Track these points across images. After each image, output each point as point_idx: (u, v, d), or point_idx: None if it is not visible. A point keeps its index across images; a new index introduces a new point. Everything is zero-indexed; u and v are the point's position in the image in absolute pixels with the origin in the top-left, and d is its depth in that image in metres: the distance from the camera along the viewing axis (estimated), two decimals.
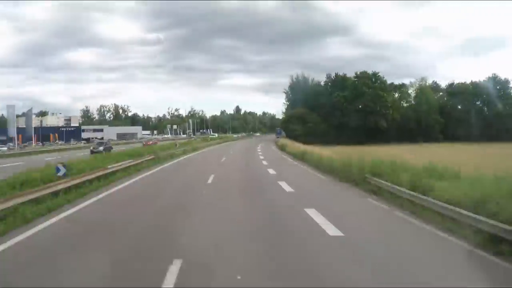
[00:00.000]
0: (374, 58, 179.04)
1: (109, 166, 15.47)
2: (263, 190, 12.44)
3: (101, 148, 36.81)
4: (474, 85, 73.38)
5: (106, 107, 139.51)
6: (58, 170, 12.28)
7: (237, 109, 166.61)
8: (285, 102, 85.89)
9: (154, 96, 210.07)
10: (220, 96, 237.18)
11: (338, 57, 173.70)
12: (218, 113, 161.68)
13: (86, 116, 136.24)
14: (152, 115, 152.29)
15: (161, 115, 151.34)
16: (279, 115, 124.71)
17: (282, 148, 38.54)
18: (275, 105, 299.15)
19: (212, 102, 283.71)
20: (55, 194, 10.07)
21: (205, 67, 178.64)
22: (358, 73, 70.69)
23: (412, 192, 8.73)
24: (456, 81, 78.56)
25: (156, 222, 7.97)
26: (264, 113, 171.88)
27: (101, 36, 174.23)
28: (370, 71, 70.19)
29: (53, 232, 7.21)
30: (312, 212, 8.29)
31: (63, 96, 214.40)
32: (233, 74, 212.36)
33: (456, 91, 73.87)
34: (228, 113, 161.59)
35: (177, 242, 6.29)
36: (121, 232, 7.13)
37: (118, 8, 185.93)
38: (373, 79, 69.13)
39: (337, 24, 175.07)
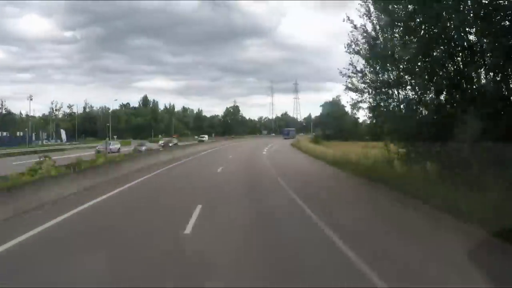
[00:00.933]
0: (293, 61, 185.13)
1: None
2: None
3: None
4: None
5: None
6: None
7: (145, 101, 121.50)
8: None
9: (70, 99, 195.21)
10: (138, 99, 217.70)
11: (257, 59, 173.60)
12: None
13: None
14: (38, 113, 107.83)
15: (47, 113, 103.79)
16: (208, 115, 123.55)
17: None
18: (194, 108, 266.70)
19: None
20: None
21: (123, 68, 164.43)
22: None
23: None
24: None
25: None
26: (185, 109, 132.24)
27: (13, 33, 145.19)
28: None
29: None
30: None
31: None
32: (151, 76, 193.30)
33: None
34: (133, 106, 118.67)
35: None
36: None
37: (31, 3, 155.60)
38: None
39: (256, 25, 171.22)
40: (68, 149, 44.31)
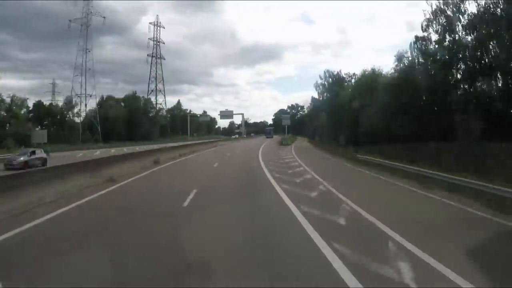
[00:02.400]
0: (147, 62, 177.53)
1: None
2: None
3: None
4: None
5: None
6: None
7: None
8: None
9: None
10: None
11: (114, 59, 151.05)
12: None
13: None
14: None
15: None
16: None
17: None
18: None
19: None
20: None
21: None
22: None
23: None
24: None
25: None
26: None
27: None
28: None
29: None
30: None
31: None
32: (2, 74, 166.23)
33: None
34: None
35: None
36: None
37: None
38: None
39: (114, 22, 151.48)
40: None
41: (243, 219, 8.54)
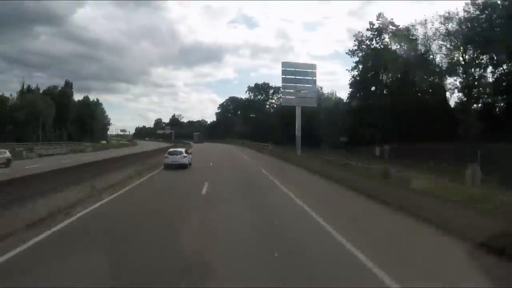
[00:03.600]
0: (88, 58, 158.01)
1: None
2: None
3: None
4: None
5: None
6: None
7: None
8: None
9: None
10: None
11: (48, 52, 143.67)
12: None
13: None
14: None
15: None
16: None
17: None
18: None
19: None
20: None
21: None
22: None
23: None
24: None
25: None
26: None
27: None
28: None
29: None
30: None
31: None
32: None
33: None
34: None
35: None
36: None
37: None
38: None
39: (48, 11, 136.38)
40: None
41: None
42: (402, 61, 42.50)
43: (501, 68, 36.24)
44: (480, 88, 37.85)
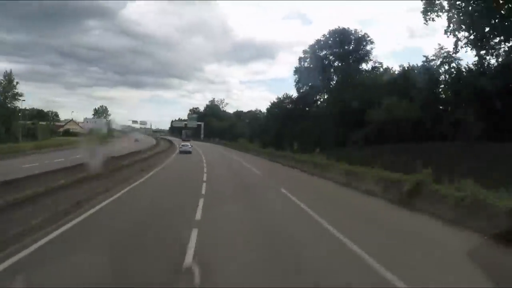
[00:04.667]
0: (140, 53, 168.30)
1: None
2: None
3: None
4: None
5: None
6: None
7: None
8: None
9: None
10: None
11: (100, 46, 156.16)
12: None
13: None
14: None
15: None
16: None
17: None
18: (40, 97, 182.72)
19: None
20: None
21: None
22: None
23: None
24: None
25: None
26: None
27: None
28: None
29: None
30: None
31: None
32: None
33: None
34: None
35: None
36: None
37: None
38: None
39: (98, 4, 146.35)
40: None
41: None
42: None
43: None
44: None
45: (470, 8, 24.65)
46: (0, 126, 53.81)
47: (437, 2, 26.69)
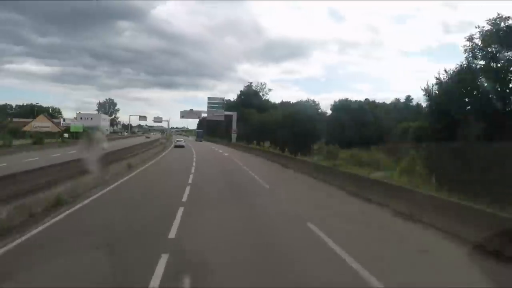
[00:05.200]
0: (172, 53, 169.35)
1: None
2: None
3: None
4: None
5: None
6: None
7: None
8: None
9: None
10: (9, 84, 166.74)
11: (133, 47, 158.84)
12: None
13: None
14: None
15: None
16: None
17: None
18: (74, 98, 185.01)
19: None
20: None
21: None
22: None
23: None
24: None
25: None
26: None
27: None
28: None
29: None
30: None
31: None
32: (22, 59, 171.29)
33: None
34: None
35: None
36: None
37: None
38: None
39: (128, 5, 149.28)
40: None
41: None
42: None
43: None
44: None
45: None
46: None
47: None
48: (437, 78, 21.60)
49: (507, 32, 18.75)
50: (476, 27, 19.63)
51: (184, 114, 71.23)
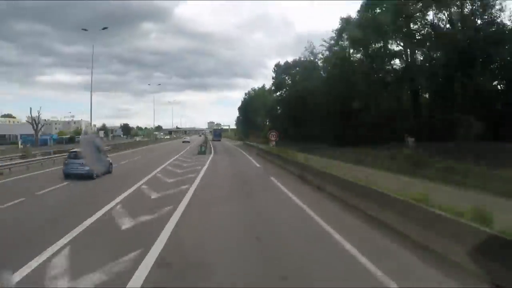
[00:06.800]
0: (200, 53, 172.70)
1: None
2: None
3: None
4: None
5: None
6: None
7: None
8: None
9: None
10: (43, 95, 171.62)
11: (160, 49, 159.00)
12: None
13: None
14: None
15: None
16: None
17: None
18: (107, 105, 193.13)
19: (35, 103, 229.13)
20: None
21: (16, 59, 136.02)
22: None
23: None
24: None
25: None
26: None
27: None
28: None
29: None
30: None
31: None
32: (53, 69, 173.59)
33: None
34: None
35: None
36: None
37: None
38: None
39: (151, 5, 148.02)
40: None
41: None
42: None
43: None
44: None
45: None
46: None
47: None
48: None
49: None
50: None
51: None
